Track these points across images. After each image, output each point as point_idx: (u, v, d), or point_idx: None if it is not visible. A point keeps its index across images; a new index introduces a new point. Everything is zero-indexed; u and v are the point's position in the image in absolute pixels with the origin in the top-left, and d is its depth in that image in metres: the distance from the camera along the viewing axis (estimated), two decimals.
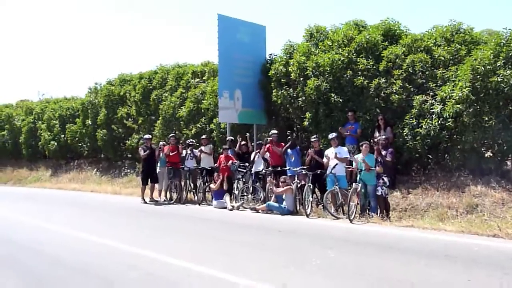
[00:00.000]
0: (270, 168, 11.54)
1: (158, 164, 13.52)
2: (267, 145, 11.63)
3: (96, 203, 13.54)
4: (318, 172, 10.12)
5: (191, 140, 13.78)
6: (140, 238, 7.70)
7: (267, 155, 11.71)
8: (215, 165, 12.86)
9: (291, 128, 13.55)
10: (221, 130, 14.39)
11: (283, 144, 11.59)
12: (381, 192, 9.19)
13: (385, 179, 9.20)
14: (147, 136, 13.67)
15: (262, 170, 11.70)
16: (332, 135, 10.23)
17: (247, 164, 12.00)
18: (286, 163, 11.31)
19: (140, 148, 13.19)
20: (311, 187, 10.01)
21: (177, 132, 15.78)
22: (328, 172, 9.92)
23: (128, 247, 6.76)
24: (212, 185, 12.09)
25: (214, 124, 14.63)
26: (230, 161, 12.11)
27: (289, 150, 11.28)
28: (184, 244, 7.14)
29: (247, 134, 12.93)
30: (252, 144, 13.14)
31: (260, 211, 10.49)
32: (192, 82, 16.72)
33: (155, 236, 7.85)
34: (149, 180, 13.17)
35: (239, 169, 11.90)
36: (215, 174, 12.27)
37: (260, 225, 8.93)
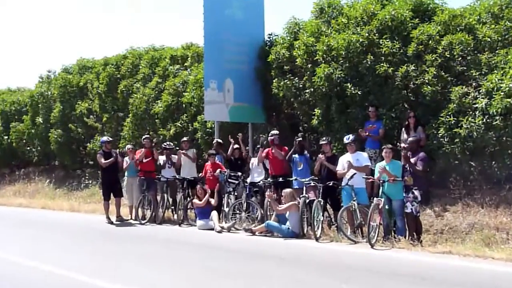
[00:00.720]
0: (269, 179, 11.53)
1: (125, 174, 13.62)
2: (266, 149, 11.62)
3: (49, 223, 13.58)
4: (331, 184, 10.12)
5: (168, 143, 13.72)
6: (106, 268, 7.71)
7: (266, 162, 11.72)
8: (200, 174, 12.86)
9: (296, 128, 13.61)
10: (208, 130, 14.41)
11: (287, 148, 11.58)
12: (411, 209, 9.18)
13: (416, 192, 9.18)
14: (105, 138, 13.70)
15: (259, 181, 11.69)
16: (348, 138, 10.23)
17: (240, 173, 12.00)
18: (291, 173, 11.31)
19: (99, 155, 13.22)
20: (322, 202, 10.02)
21: (151, 133, 15.84)
22: (343, 183, 9.93)
23: (91, 280, 6.76)
24: (195, 200, 12.03)
25: (198, 123, 14.62)
26: (219, 170, 12.09)
27: (295, 156, 11.23)
28: (162, 276, 7.13)
29: (239, 135, 12.92)
30: (247, 148, 13.14)
31: (257, 233, 10.51)
32: (170, 70, 16.82)
33: (125, 267, 7.87)
34: (112, 194, 13.26)
35: (230, 179, 11.88)
36: (199, 186, 12.25)
37: (257, 252, 8.94)
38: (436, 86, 10.48)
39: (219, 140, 13.10)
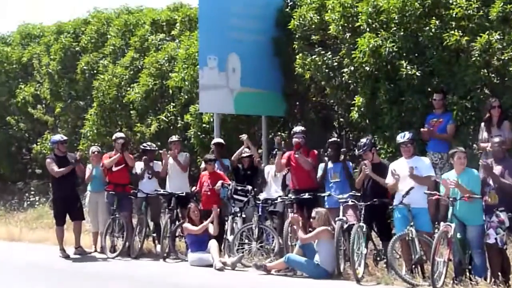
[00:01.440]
0: (291, 195, 11.60)
1: (89, 188, 13.65)
2: (287, 153, 11.67)
3: None
4: (377, 203, 10.13)
5: (149, 143, 13.71)
6: None
7: (286, 171, 11.90)
8: (193, 189, 12.94)
9: (329, 123, 13.67)
10: (204, 126, 14.46)
11: (316, 152, 11.71)
12: (494, 239, 9.04)
13: (502, 216, 9.05)
14: (58, 137, 13.72)
15: (277, 198, 11.77)
16: (403, 136, 10.19)
17: (250, 187, 12.03)
18: (323, 187, 11.43)
19: (49, 160, 13.21)
20: (365, 228, 10.05)
21: (125, 130, 15.92)
22: (395, 202, 9.93)
23: None
24: (187, 225, 12.03)
25: (191, 116, 14.66)
26: (220, 182, 12.12)
27: (329, 164, 11.36)
28: None
29: (245, 136, 12.89)
30: (260, 151, 13.16)
31: (273, 271, 10.49)
32: (151, 41, 16.89)
33: None
34: (68, 215, 13.19)
35: (235, 196, 11.96)
36: (193, 205, 12.22)
37: None
38: None
39: (221, 141, 13.10)
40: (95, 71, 17.69)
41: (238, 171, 12.70)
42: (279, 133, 14.27)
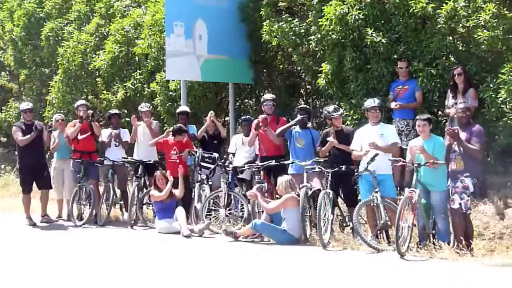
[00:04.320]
0: (258, 162, 11.64)
1: (55, 156, 13.66)
2: (255, 121, 11.66)
3: None
4: (344, 169, 10.16)
5: (115, 111, 13.72)
6: None
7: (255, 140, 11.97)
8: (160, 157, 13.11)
9: (297, 90, 13.66)
10: (171, 94, 14.48)
11: (285, 119, 11.76)
12: (459, 204, 9.21)
13: (467, 181, 9.21)
14: (23, 105, 13.56)
15: (245, 166, 11.74)
16: (373, 101, 10.21)
17: (217, 155, 12.05)
18: (289, 154, 11.47)
19: (15, 128, 13.09)
20: (332, 195, 10.08)
21: (91, 97, 15.94)
22: (361, 168, 9.97)
23: None
24: (154, 192, 12.01)
25: (157, 84, 14.69)
26: (187, 150, 12.12)
27: (295, 130, 11.37)
28: None
29: (212, 113, 12.84)
30: (227, 119, 13.12)
31: (241, 237, 10.55)
32: (117, 7, 16.79)
33: None
34: (35, 183, 13.16)
35: (203, 163, 11.94)
36: (159, 173, 12.17)
37: (242, 266, 8.86)
38: (496, 30, 10.29)
39: (186, 109, 13.03)
40: (59, 38, 17.52)
41: (204, 139, 12.72)
42: (248, 101, 14.17)
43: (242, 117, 12.78)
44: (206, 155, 12.01)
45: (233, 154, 12.41)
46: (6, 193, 16.97)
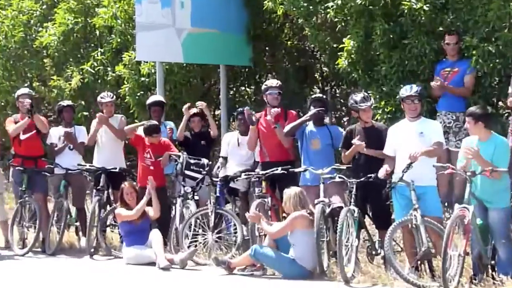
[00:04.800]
0: (259, 170, 10.64)
1: None
2: (275, 110, 10.71)
3: None
4: (372, 180, 9.27)
5: (68, 102, 12.82)
6: None
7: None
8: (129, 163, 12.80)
9: (310, 74, 13.59)
10: (143, 80, 13.79)
11: (295, 113, 11.07)
12: None
13: None
14: None
15: (241, 174, 10.91)
16: (410, 88, 9.17)
17: (206, 161, 11.20)
18: (300, 160, 10.67)
19: None
20: (357, 213, 9.24)
21: (36, 84, 15.49)
22: (394, 178, 9.01)
23: None
24: (121, 211, 11.02)
25: (125, 66, 14.05)
26: (167, 153, 11.24)
27: (309, 127, 10.36)
28: None
29: (200, 103, 12.00)
30: (218, 113, 13.09)
31: (237, 269, 9.78)
32: None
33: None
34: None
35: (188, 171, 11.07)
36: (128, 184, 11.28)
37: None
38: None
39: (160, 99, 12.21)
40: None
41: (187, 140, 11.75)
42: (245, 89, 13.30)
43: (238, 110, 11.85)
44: (192, 161, 11.07)
45: (225, 159, 11.66)
46: None
